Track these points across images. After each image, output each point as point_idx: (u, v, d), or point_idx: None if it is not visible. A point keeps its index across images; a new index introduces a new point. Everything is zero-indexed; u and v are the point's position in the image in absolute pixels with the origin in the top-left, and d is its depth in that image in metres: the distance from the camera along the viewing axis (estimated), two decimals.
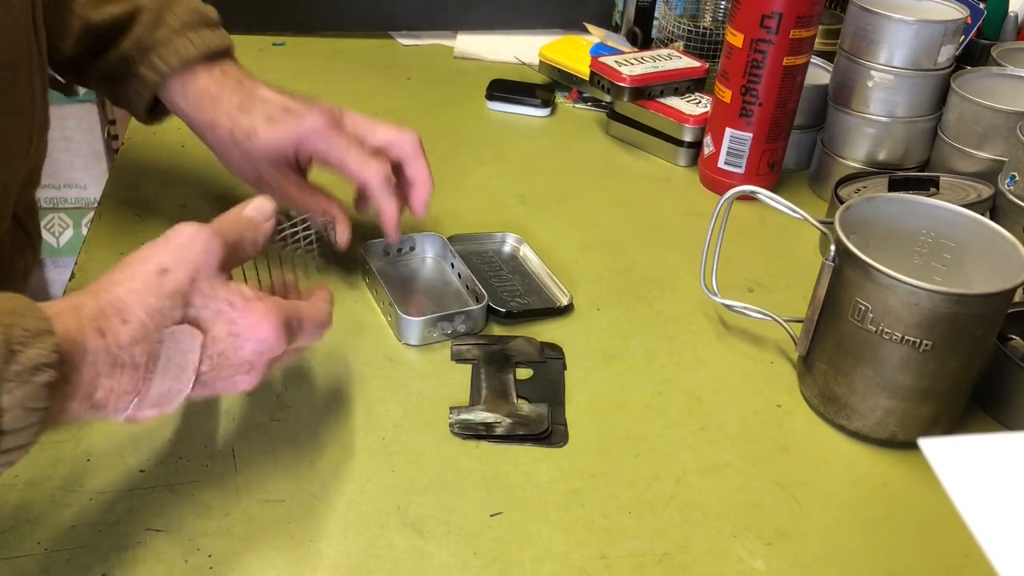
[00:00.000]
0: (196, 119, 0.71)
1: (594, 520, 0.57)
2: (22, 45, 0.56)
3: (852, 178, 0.89)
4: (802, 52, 0.87)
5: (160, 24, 0.69)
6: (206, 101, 0.70)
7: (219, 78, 0.70)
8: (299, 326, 0.52)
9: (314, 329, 0.53)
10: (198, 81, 0.70)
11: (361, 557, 0.54)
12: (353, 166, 0.68)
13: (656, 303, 0.78)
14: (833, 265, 0.63)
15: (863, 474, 0.63)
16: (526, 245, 0.81)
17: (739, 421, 0.66)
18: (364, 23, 1.25)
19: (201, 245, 0.48)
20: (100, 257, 0.76)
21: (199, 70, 0.70)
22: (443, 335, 0.71)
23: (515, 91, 1.08)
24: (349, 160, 0.68)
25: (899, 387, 0.62)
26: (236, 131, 0.68)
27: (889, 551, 0.57)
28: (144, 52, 0.69)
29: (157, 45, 0.69)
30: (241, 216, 0.53)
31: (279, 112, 0.68)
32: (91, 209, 1.82)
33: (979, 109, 0.86)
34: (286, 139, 0.68)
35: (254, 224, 0.53)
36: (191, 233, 0.48)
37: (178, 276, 0.47)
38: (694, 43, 1.11)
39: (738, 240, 0.86)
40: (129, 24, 0.69)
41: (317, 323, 0.54)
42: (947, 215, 0.67)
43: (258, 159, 0.69)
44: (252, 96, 0.69)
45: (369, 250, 0.77)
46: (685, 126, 0.98)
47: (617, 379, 0.69)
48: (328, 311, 0.55)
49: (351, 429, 0.62)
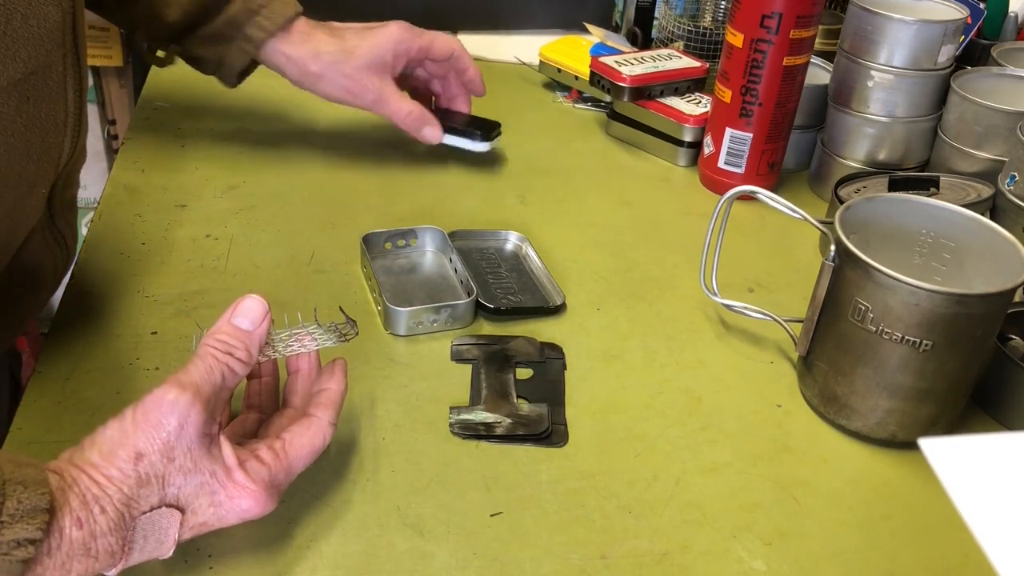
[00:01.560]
0: (298, 57, 0.83)
1: (594, 520, 0.57)
2: (53, 54, 0.56)
3: (852, 178, 0.89)
4: (802, 52, 0.87)
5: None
6: (306, 41, 0.83)
7: (305, 25, 0.84)
8: (290, 474, 0.51)
9: (308, 458, 0.53)
10: (294, 31, 0.83)
11: (361, 557, 0.54)
12: (440, 41, 0.87)
13: (656, 303, 0.78)
14: (833, 265, 0.63)
15: (863, 474, 0.63)
16: (529, 244, 0.81)
17: (739, 421, 0.66)
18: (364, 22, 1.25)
19: (178, 420, 0.46)
20: (100, 257, 0.76)
21: (292, 25, 0.83)
22: (430, 327, 0.71)
23: (458, 122, 0.94)
24: (437, 40, 0.87)
25: (899, 387, 0.62)
26: (338, 52, 0.83)
27: (889, 551, 0.57)
28: (251, 14, 0.81)
29: (261, 8, 0.81)
30: (228, 335, 0.50)
31: (364, 31, 0.85)
32: (91, 209, 1.82)
33: (979, 109, 0.86)
34: (384, 43, 0.83)
35: (242, 338, 0.51)
36: (167, 408, 0.46)
37: (153, 461, 0.46)
38: (694, 43, 1.11)
39: (738, 240, 0.86)
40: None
41: (311, 451, 0.52)
42: (947, 215, 0.67)
43: (361, 70, 0.83)
44: (334, 29, 0.85)
45: (369, 241, 0.77)
46: (685, 126, 0.98)
47: (617, 379, 0.69)
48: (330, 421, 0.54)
49: (351, 429, 0.62)
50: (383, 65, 0.84)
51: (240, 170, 0.90)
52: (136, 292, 0.72)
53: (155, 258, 0.77)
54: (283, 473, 0.51)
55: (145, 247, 0.78)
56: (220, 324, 0.51)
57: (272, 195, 0.87)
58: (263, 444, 0.51)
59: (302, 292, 0.75)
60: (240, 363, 0.50)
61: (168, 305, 0.72)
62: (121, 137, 1.00)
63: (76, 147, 0.64)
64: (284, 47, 0.83)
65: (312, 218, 0.84)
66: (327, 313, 0.64)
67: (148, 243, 0.78)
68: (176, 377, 0.47)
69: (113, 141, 1.78)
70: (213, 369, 0.49)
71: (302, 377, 0.57)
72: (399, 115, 0.86)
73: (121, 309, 0.71)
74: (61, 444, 0.58)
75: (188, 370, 0.48)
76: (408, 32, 0.85)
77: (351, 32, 0.84)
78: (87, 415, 0.61)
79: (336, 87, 0.84)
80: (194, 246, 0.79)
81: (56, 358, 0.65)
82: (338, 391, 0.56)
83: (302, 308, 0.72)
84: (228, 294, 0.73)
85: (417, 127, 0.87)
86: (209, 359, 0.49)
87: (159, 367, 0.65)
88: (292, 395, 0.57)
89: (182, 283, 0.74)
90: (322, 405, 0.54)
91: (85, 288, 0.72)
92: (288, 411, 0.56)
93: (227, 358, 0.49)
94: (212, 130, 0.96)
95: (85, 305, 0.71)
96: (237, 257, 0.78)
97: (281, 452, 0.51)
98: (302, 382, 0.57)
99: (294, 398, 0.57)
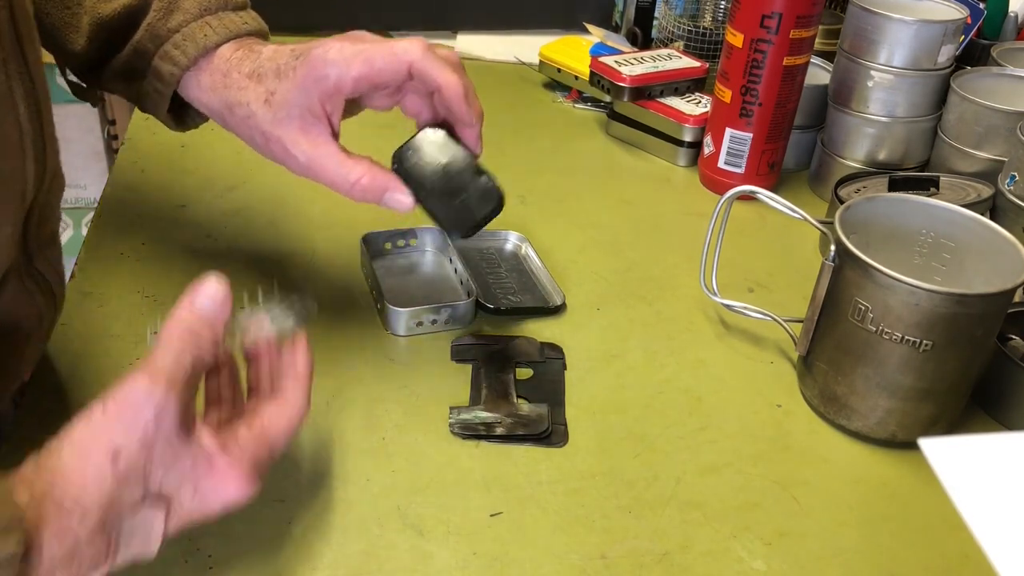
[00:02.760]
0: (215, 107, 0.60)
1: (594, 520, 0.57)
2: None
3: (852, 178, 0.89)
4: (802, 52, 0.87)
5: (175, 10, 0.61)
6: (222, 82, 0.59)
7: (234, 52, 0.60)
8: (272, 453, 0.48)
9: (288, 435, 0.50)
10: (212, 67, 0.60)
11: (361, 557, 0.54)
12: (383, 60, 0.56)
13: (656, 303, 0.78)
14: (833, 265, 0.63)
15: (863, 474, 0.63)
16: (529, 244, 0.81)
17: (739, 421, 0.66)
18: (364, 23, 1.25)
19: (153, 411, 0.43)
20: (100, 257, 0.76)
21: (214, 56, 0.60)
22: (429, 328, 0.71)
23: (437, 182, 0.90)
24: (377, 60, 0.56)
25: (899, 387, 0.62)
26: (252, 103, 0.58)
27: (889, 551, 0.57)
28: (158, 41, 0.60)
29: (172, 33, 0.60)
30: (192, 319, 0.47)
31: (288, 64, 0.57)
32: (91, 209, 1.82)
33: (979, 109, 0.86)
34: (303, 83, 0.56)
35: (208, 321, 0.47)
36: (141, 399, 0.43)
37: (131, 456, 0.42)
38: (694, 43, 1.11)
39: (738, 240, 0.86)
40: (142, 13, 0.61)
41: (290, 427, 0.49)
42: (947, 215, 0.67)
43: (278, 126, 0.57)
44: (263, 59, 0.58)
45: (369, 241, 0.77)
46: (685, 126, 0.98)
47: (617, 379, 0.69)
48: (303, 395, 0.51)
49: (351, 429, 0.62)
50: (310, 115, 0.57)
51: (240, 170, 0.90)
52: (136, 292, 0.72)
53: (155, 258, 0.77)
54: (265, 453, 0.48)
55: (145, 247, 0.78)
56: (182, 309, 0.47)
57: (272, 195, 0.87)
58: (242, 424, 0.48)
59: (302, 292, 0.75)
60: (208, 347, 0.46)
61: (168, 305, 0.70)
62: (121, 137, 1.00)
63: (45, 173, 0.54)
64: (198, 91, 0.60)
65: (312, 218, 0.84)
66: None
67: (148, 243, 0.78)
68: (145, 366, 0.44)
69: (113, 141, 1.78)
70: (183, 354, 0.45)
71: (264, 362, 0.53)
72: (342, 186, 0.58)
73: (121, 309, 0.71)
74: None
75: (156, 358, 0.44)
76: (336, 59, 0.56)
77: (277, 63, 0.58)
78: None
79: (260, 150, 0.60)
80: (194, 246, 0.79)
81: (56, 358, 0.65)
82: (305, 364, 0.52)
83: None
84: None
85: (374, 197, 0.59)
86: (177, 344, 0.45)
87: None
88: (259, 381, 0.53)
89: (182, 283, 0.73)
90: (292, 379, 0.51)
91: (85, 288, 0.72)
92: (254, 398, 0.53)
93: (194, 343, 0.46)
94: (212, 130, 0.96)
95: (85, 305, 0.71)
96: (237, 257, 0.78)
97: (260, 432, 0.48)
98: (265, 367, 0.53)
99: (262, 383, 0.53)
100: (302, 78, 0.56)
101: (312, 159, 0.58)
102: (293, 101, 0.56)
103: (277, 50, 0.59)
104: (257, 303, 0.53)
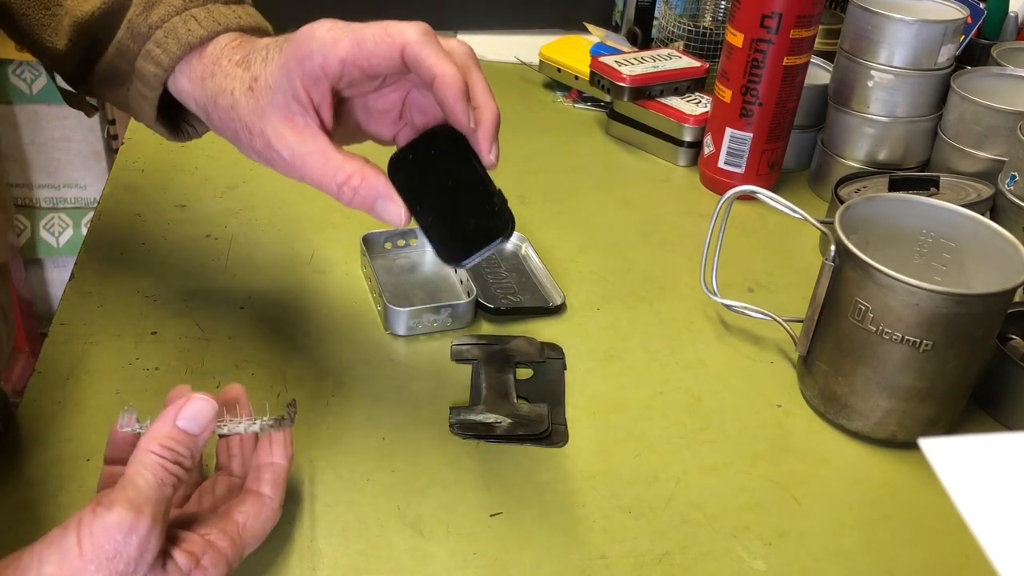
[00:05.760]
0: (202, 103, 0.53)
1: (594, 520, 0.57)
2: None
3: (852, 178, 0.89)
4: (802, 52, 0.87)
5: (157, 3, 0.54)
6: (210, 75, 0.52)
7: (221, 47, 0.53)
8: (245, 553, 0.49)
9: (264, 536, 0.50)
10: (202, 62, 0.53)
11: (361, 557, 0.54)
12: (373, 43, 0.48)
13: (656, 303, 0.78)
14: (833, 265, 0.63)
15: (863, 474, 0.63)
16: (528, 244, 0.81)
17: (739, 421, 0.66)
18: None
19: (138, 548, 0.42)
20: (100, 257, 0.76)
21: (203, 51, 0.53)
22: (430, 327, 0.71)
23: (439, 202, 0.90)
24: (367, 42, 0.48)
25: (899, 387, 0.62)
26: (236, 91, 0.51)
27: (889, 551, 0.57)
28: (141, 40, 0.54)
29: (154, 30, 0.53)
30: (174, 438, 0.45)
31: (277, 45, 0.50)
32: (91, 209, 1.82)
33: (979, 109, 0.86)
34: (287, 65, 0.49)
35: (189, 443, 0.46)
36: (124, 536, 0.41)
37: None
38: (694, 43, 1.11)
39: (738, 240, 0.86)
40: (122, 9, 0.55)
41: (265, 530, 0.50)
42: (947, 215, 0.67)
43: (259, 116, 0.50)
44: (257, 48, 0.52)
45: (369, 241, 0.77)
46: (685, 126, 0.98)
47: (617, 379, 0.69)
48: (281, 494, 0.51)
49: (351, 429, 0.62)
50: (294, 102, 0.49)
51: (240, 170, 0.90)
52: (136, 292, 0.72)
53: (155, 258, 0.77)
54: (237, 559, 0.48)
55: (145, 247, 0.78)
56: (164, 425, 0.46)
57: (272, 195, 0.87)
58: (216, 530, 0.47)
59: (302, 292, 0.75)
60: (187, 471, 0.46)
61: (168, 305, 0.72)
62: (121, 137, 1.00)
63: None
64: (188, 84, 0.53)
65: (312, 218, 0.84)
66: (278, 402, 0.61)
67: (148, 243, 0.78)
68: (125, 495, 0.42)
69: (113, 141, 1.78)
70: (164, 482, 0.44)
71: (235, 441, 0.54)
72: (329, 186, 0.50)
73: (121, 309, 0.71)
74: (62, 444, 0.58)
75: (136, 484, 0.43)
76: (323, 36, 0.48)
77: (268, 47, 0.51)
78: (87, 415, 0.61)
79: (244, 149, 0.53)
80: (194, 246, 0.79)
81: (56, 358, 0.65)
82: (283, 467, 0.52)
83: (303, 308, 0.73)
84: (228, 294, 0.73)
85: (363, 203, 0.50)
86: (158, 470, 0.44)
87: (159, 367, 0.65)
88: (230, 459, 0.54)
89: (182, 283, 0.74)
90: (270, 483, 0.51)
91: (85, 288, 0.72)
92: (224, 478, 0.53)
93: (176, 468, 0.45)
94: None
95: (85, 305, 0.71)
96: (237, 257, 0.78)
97: (237, 539, 0.48)
98: (238, 444, 0.54)
99: (233, 463, 0.54)
100: (286, 59, 0.49)
101: (296, 154, 0.50)
102: (276, 87, 0.49)
103: (276, 38, 0.52)
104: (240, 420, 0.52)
